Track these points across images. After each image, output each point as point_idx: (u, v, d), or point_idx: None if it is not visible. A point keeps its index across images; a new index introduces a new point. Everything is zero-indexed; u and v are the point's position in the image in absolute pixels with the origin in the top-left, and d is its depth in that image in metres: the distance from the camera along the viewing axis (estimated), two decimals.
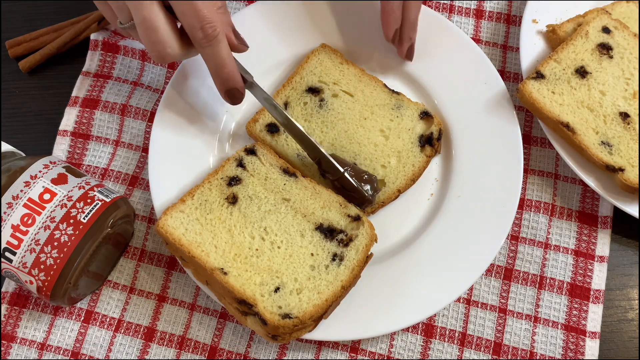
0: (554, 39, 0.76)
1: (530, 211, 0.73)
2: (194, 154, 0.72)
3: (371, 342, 0.68)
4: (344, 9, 0.78)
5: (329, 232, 0.66)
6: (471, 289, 0.70)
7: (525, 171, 0.75)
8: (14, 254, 0.62)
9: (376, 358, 0.68)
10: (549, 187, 0.74)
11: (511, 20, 0.82)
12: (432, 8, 0.81)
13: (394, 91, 0.75)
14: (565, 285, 0.70)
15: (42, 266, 0.62)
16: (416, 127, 0.73)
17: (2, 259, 0.62)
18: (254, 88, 0.68)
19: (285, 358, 0.67)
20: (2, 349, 0.68)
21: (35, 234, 0.62)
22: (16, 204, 0.62)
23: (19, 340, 0.69)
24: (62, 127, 0.77)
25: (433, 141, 0.72)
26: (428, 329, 0.69)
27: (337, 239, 0.65)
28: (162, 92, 0.78)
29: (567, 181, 0.75)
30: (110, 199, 0.66)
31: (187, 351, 0.68)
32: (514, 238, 0.72)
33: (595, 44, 0.74)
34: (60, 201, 0.63)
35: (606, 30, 0.74)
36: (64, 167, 0.66)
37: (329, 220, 0.66)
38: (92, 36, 0.80)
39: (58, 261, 0.62)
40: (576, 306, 0.69)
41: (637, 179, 0.68)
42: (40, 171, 0.64)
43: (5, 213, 0.62)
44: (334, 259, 0.64)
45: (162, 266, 0.71)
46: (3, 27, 0.84)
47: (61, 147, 0.76)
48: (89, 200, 0.64)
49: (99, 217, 0.64)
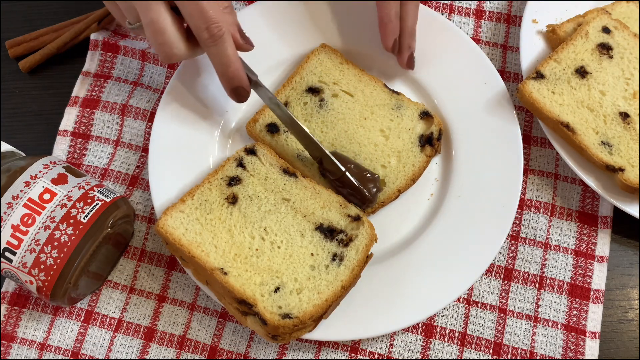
0: (554, 39, 0.76)
1: (530, 211, 0.73)
2: (194, 154, 0.72)
3: (371, 342, 0.68)
4: (344, 9, 0.78)
5: (329, 232, 0.66)
6: (471, 289, 0.70)
7: (525, 171, 0.75)
8: (14, 254, 0.62)
9: (376, 358, 0.68)
10: (549, 187, 0.74)
11: (511, 20, 0.82)
12: (432, 8, 0.81)
13: (394, 91, 0.75)
14: (565, 285, 0.70)
15: (42, 266, 0.62)
16: (416, 127, 0.73)
17: (2, 259, 0.62)
18: (258, 87, 0.68)
19: (285, 358, 0.67)
20: (2, 349, 0.68)
21: (35, 234, 0.62)
22: (16, 204, 0.62)
23: (19, 340, 0.69)
24: (62, 127, 0.77)
25: (433, 141, 0.72)
26: (428, 329, 0.69)
27: (337, 239, 0.65)
28: (162, 92, 0.78)
29: (567, 181, 0.75)
30: (110, 199, 0.66)
31: (187, 351, 0.68)
32: (514, 238, 0.72)
33: (595, 44, 0.74)
34: (60, 201, 0.63)
35: (606, 30, 0.74)
36: (64, 167, 0.66)
37: (329, 220, 0.66)
38: (92, 36, 0.80)
39: (58, 261, 0.62)
40: (576, 306, 0.69)
41: (637, 179, 0.68)
42: (40, 171, 0.64)
43: (5, 213, 0.62)
44: (334, 259, 0.64)
45: (162, 266, 0.71)
46: (3, 27, 0.84)
47: (61, 147, 0.76)
48: (89, 200, 0.64)
49: (99, 217, 0.64)
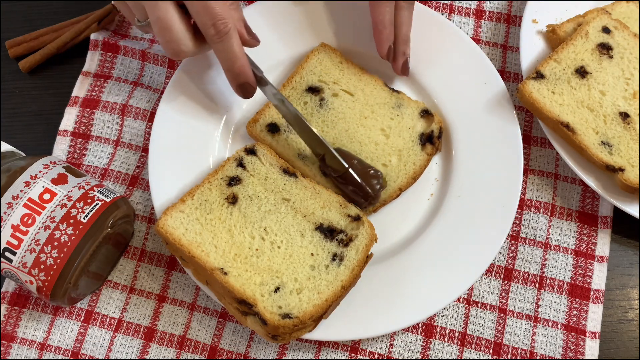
0: (554, 39, 0.76)
1: (530, 211, 0.73)
2: (194, 154, 0.72)
3: (371, 342, 0.68)
4: (343, 9, 0.78)
5: (329, 232, 0.66)
6: (471, 289, 0.70)
7: (525, 171, 0.75)
8: (14, 254, 0.62)
9: (376, 358, 0.68)
10: (549, 187, 0.74)
11: (511, 20, 0.82)
12: (432, 8, 0.81)
13: (394, 90, 0.75)
14: (565, 285, 0.70)
15: (42, 266, 0.62)
16: (417, 126, 0.73)
17: (2, 259, 0.62)
18: (263, 83, 0.68)
19: (285, 358, 0.67)
20: (2, 349, 0.68)
21: (35, 234, 0.62)
22: (16, 204, 0.62)
23: (19, 340, 0.69)
24: (62, 127, 0.77)
25: (434, 139, 0.72)
26: (428, 329, 0.69)
27: (337, 239, 0.65)
28: (162, 92, 0.78)
29: (567, 181, 0.75)
30: (110, 199, 0.66)
31: (187, 351, 0.68)
32: (514, 238, 0.72)
33: (595, 44, 0.74)
34: (60, 201, 0.63)
35: (606, 30, 0.74)
36: (64, 167, 0.66)
37: (329, 220, 0.66)
38: (92, 36, 0.80)
39: (58, 261, 0.62)
40: (576, 306, 0.69)
41: (637, 179, 0.68)
42: (40, 171, 0.64)
43: (5, 213, 0.62)
44: (334, 259, 0.64)
45: (162, 266, 0.71)
46: (3, 27, 0.84)
47: (61, 147, 0.76)
48: (89, 200, 0.64)
49: (99, 217, 0.64)
